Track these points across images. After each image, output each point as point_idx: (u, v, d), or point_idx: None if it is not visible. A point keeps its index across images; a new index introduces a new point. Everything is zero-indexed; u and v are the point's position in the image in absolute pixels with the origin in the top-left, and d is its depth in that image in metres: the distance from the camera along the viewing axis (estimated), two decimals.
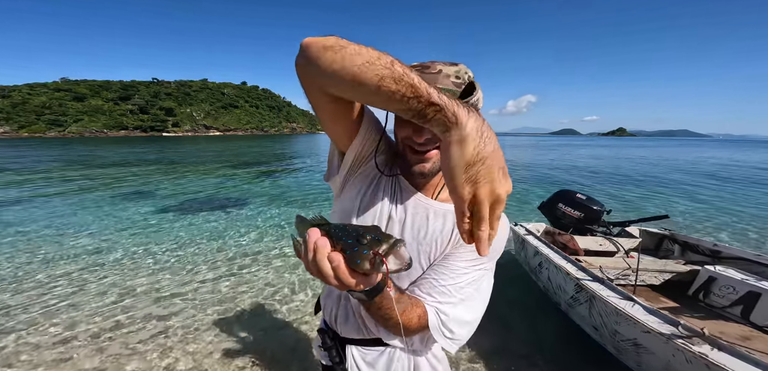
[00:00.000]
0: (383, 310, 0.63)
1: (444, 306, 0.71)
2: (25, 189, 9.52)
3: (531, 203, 8.18)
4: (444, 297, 0.71)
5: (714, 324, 2.33)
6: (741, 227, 6.39)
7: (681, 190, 10.66)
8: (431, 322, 0.70)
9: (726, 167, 18.07)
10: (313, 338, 2.75)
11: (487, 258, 0.74)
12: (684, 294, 2.72)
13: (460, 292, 0.72)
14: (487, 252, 0.46)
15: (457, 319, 0.71)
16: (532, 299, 3.37)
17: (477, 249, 0.46)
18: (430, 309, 0.71)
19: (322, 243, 0.48)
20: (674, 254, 3.36)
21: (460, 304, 0.72)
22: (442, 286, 0.72)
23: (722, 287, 2.53)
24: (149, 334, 2.80)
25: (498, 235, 0.71)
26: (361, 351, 0.86)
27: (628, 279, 2.80)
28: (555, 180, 12.78)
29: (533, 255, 3.29)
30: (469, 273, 0.72)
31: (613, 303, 2.15)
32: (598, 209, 3.55)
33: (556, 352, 2.64)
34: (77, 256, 4.51)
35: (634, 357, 2.07)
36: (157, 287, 3.64)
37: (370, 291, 0.55)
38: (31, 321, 2.96)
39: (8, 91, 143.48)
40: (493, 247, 0.73)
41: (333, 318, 0.89)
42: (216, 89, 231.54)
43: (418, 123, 0.48)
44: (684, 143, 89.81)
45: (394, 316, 0.64)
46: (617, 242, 3.36)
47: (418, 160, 0.71)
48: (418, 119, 0.47)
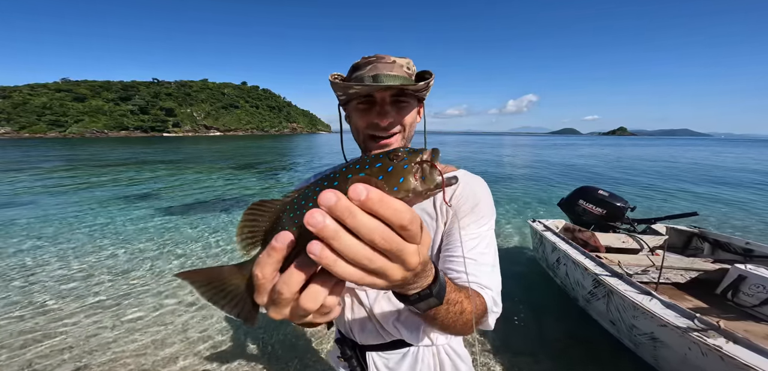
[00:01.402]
0: (452, 303, 0.53)
1: (482, 278, 0.69)
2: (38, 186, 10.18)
3: (550, 201, 8.23)
4: (475, 269, 0.70)
5: (740, 323, 2.39)
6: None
7: (714, 190, 10.44)
8: (488, 302, 0.67)
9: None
10: (312, 337, 2.96)
11: (485, 216, 0.77)
12: (711, 293, 2.78)
13: (486, 257, 0.72)
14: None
15: (496, 286, 0.71)
16: (550, 295, 3.48)
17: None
18: (475, 286, 0.68)
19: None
20: (703, 252, 3.41)
21: (492, 271, 0.72)
22: (468, 260, 0.70)
23: (752, 285, 2.58)
24: (147, 331, 3.03)
25: (484, 190, 0.79)
26: (382, 357, 0.85)
27: (651, 276, 2.88)
28: (569, 178, 12.73)
29: (551, 251, 3.40)
30: (480, 237, 0.74)
31: (630, 298, 2.26)
32: (622, 205, 3.62)
33: (572, 346, 2.76)
34: (89, 253, 4.89)
35: (651, 350, 2.18)
36: (157, 287, 3.94)
37: (437, 285, 0.45)
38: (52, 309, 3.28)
39: (9, 91, 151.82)
40: (488, 204, 0.79)
41: (349, 328, 0.88)
42: (216, 89, 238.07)
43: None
44: (688, 143, 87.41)
45: (466, 306, 0.58)
46: (641, 239, 3.43)
47: (383, 144, 0.75)
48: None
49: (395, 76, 0.72)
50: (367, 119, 0.75)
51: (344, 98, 0.79)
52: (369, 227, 0.29)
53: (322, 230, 0.28)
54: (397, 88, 0.72)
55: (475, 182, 0.82)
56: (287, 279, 0.32)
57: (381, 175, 0.34)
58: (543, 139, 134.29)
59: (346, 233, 0.29)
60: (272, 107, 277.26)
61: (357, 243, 0.29)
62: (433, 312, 0.50)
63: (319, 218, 0.28)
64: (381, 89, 0.71)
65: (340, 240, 0.29)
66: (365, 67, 0.73)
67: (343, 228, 0.29)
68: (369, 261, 0.30)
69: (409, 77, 0.74)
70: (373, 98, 0.74)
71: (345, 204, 0.28)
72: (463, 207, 0.77)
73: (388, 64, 0.72)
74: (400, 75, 0.72)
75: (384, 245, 0.30)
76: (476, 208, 0.77)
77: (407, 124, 0.77)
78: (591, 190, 3.88)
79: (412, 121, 0.78)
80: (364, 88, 0.70)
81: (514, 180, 12.51)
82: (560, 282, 3.30)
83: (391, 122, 0.74)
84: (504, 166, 17.89)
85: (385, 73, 0.71)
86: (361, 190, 0.28)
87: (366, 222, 0.29)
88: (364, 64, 0.74)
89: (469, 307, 0.59)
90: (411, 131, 0.80)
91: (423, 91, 0.74)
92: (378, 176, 0.34)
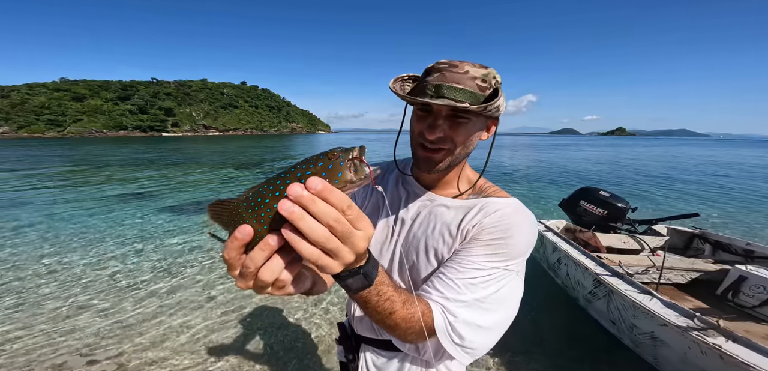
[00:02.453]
0: (383, 296, 0.56)
1: (451, 303, 0.64)
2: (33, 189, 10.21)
3: (551, 201, 8.25)
4: (451, 292, 0.65)
5: (741, 324, 2.41)
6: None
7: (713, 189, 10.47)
8: (437, 322, 0.63)
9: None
10: (311, 336, 2.99)
11: (506, 256, 0.68)
12: (712, 294, 2.80)
13: (473, 291, 0.65)
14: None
15: (467, 322, 0.64)
16: (551, 295, 3.51)
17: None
18: (435, 306, 0.64)
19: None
20: (704, 253, 3.43)
21: (473, 305, 0.64)
22: (448, 280, 0.67)
23: (753, 286, 2.60)
24: (146, 331, 3.05)
25: (524, 232, 0.71)
26: (373, 354, 0.87)
27: (651, 276, 2.91)
28: (569, 178, 12.76)
29: (552, 251, 3.43)
30: (483, 270, 0.67)
31: (631, 297, 2.29)
32: (623, 206, 3.65)
33: (573, 346, 2.79)
34: (88, 253, 4.91)
35: (651, 350, 2.20)
36: (156, 286, 3.96)
37: (368, 266, 0.50)
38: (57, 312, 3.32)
39: (7, 91, 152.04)
40: (518, 246, 0.70)
41: (352, 313, 0.92)
42: (215, 89, 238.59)
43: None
44: (687, 143, 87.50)
45: (395, 306, 0.58)
46: (642, 240, 3.45)
47: (427, 155, 0.74)
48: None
49: (460, 90, 0.66)
50: (420, 128, 0.73)
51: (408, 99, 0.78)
52: (326, 212, 0.37)
53: (291, 214, 0.36)
54: (449, 108, 0.68)
55: (515, 215, 0.73)
56: (253, 256, 0.40)
57: (324, 172, 0.41)
58: (542, 139, 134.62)
59: (309, 217, 0.37)
60: (272, 107, 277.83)
61: (318, 225, 0.37)
62: (364, 295, 0.54)
63: (289, 205, 0.36)
64: (435, 104, 0.67)
65: (305, 221, 0.37)
66: (432, 74, 0.70)
67: (307, 213, 0.37)
68: (326, 240, 0.38)
69: (479, 92, 0.67)
70: (430, 107, 0.70)
71: (308, 195, 0.37)
72: (484, 235, 0.70)
73: (456, 75, 0.67)
74: (466, 90, 0.66)
75: (337, 226, 0.39)
76: (499, 241, 0.69)
77: (459, 142, 0.71)
78: (592, 190, 3.90)
79: (466, 138, 0.72)
80: (417, 102, 0.69)
81: (517, 181, 12.55)
82: (561, 281, 3.33)
83: (441, 138, 0.70)
84: (503, 166, 17.91)
85: (447, 85, 0.66)
86: (318, 182, 0.37)
87: (323, 208, 0.37)
88: (433, 71, 0.70)
89: (401, 311, 0.59)
90: (465, 149, 0.74)
91: (482, 112, 0.67)
92: (321, 174, 0.41)
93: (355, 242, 0.41)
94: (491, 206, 0.73)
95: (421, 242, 0.77)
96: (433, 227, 0.76)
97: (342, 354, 0.94)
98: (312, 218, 0.37)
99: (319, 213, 0.37)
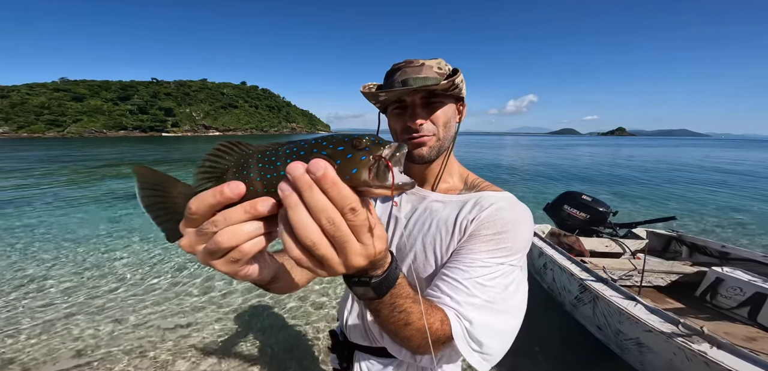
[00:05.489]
0: (398, 309, 0.49)
1: (465, 308, 0.59)
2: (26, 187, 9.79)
3: (537, 205, 8.25)
4: (461, 295, 0.60)
5: (720, 325, 2.39)
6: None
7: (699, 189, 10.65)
8: (454, 330, 0.57)
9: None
10: (311, 338, 2.87)
11: (508, 250, 0.65)
12: (691, 296, 2.78)
13: (482, 291, 0.60)
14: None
15: (485, 326, 0.58)
16: (537, 300, 3.44)
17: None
18: (450, 312, 0.58)
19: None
20: (682, 255, 3.42)
21: (486, 307, 0.60)
22: (456, 282, 0.61)
23: (729, 288, 2.58)
24: (145, 331, 2.93)
25: (523, 225, 0.69)
26: (367, 362, 0.82)
27: (634, 280, 2.87)
28: (559, 180, 12.83)
29: (538, 256, 3.36)
30: (489, 267, 0.63)
31: (616, 303, 2.22)
32: (604, 210, 3.61)
33: (560, 352, 2.72)
34: (82, 259, 4.68)
35: (637, 356, 2.14)
36: (154, 286, 3.79)
37: (381, 280, 0.43)
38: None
39: (7, 91, 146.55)
40: (518, 240, 0.67)
41: (345, 321, 0.86)
42: (215, 89, 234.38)
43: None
44: (686, 143, 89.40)
45: (414, 318, 0.51)
46: (623, 243, 3.42)
47: (417, 145, 0.73)
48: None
49: (424, 78, 0.70)
50: (402, 123, 0.75)
51: (380, 105, 0.80)
52: (321, 207, 0.30)
53: (287, 197, 0.31)
54: (424, 90, 0.71)
55: (512, 210, 0.70)
56: (231, 213, 0.33)
57: (339, 159, 0.33)
58: (542, 139, 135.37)
59: (303, 209, 0.30)
60: (271, 107, 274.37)
61: (309, 222, 0.31)
62: (375, 305, 0.48)
63: (286, 187, 0.31)
64: (408, 93, 0.71)
65: (295, 213, 0.30)
66: (395, 74, 0.73)
67: (301, 202, 0.30)
68: (313, 245, 0.31)
69: (439, 77, 0.72)
70: (404, 101, 0.74)
71: (307, 179, 0.30)
72: (483, 231, 0.66)
73: (416, 67, 0.72)
74: (429, 77, 0.70)
75: (331, 229, 0.31)
76: (500, 236, 0.65)
77: (440, 123, 0.74)
78: (575, 195, 3.86)
79: (445, 120, 0.75)
80: (393, 93, 0.71)
81: (515, 183, 12.46)
82: (547, 286, 3.27)
83: (423, 124, 0.72)
84: (502, 167, 17.87)
85: (413, 76, 0.70)
86: (320, 167, 0.30)
87: (319, 201, 0.30)
88: (394, 71, 0.74)
89: (418, 322, 0.52)
90: (447, 129, 0.76)
91: (451, 89, 0.71)
92: (337, 160, 0.33)
93: (349, 257, 0.33)
94: (486, 199, 0.71)
95: (417, 240, 0.74)
96: (430, 225, 0.73)
97: (336, 362, 0.90)
98: (305, 211, 0.31)
99: (313, 205, 0.30)
